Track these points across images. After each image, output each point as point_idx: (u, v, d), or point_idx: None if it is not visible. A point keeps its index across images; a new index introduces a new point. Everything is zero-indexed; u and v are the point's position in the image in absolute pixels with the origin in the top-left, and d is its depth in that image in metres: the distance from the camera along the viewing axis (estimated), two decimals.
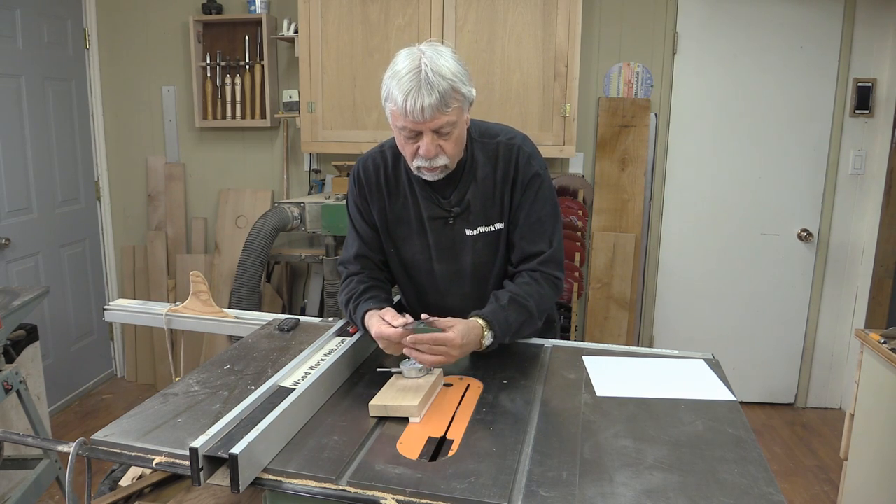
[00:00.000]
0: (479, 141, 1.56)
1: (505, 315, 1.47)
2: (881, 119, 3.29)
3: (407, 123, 1.38)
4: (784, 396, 3.64)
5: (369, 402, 1.28)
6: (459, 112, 1.41)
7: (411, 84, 1.34)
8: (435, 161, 1.44)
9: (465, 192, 1.55)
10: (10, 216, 3.18)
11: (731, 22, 3.31)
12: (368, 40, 3.11)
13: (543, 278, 1.54)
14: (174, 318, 1.98)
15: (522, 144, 1.56)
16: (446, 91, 1.35)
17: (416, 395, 1.28)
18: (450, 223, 1.57)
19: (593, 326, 3.49)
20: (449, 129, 1.40)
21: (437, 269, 1.62)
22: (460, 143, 1.47)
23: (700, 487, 1.05)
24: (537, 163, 1.56)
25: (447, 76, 1.36)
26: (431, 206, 1.57)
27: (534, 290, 1.53)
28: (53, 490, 2.62)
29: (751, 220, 3.48)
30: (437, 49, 1.41)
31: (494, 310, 1.47)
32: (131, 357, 3.92)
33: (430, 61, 1.36)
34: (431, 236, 1.59)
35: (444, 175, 1.50)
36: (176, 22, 3.62)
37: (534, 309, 1.51)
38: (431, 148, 1.41)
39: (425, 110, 1.34)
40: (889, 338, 2.09)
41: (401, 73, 1.36)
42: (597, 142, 3.45)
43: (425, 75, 1.34)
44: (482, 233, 1.57)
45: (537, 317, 1.54)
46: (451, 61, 1.39)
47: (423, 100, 1.34)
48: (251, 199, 3.69)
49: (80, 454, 1.13)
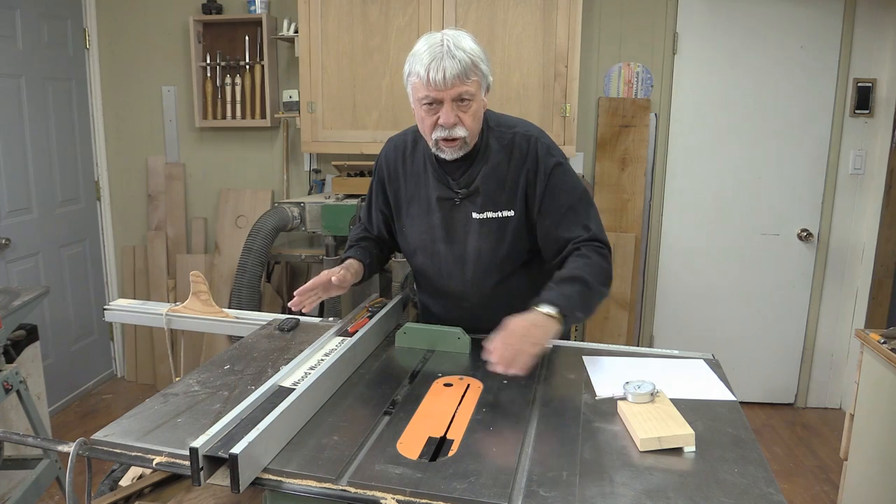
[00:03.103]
0: (496, 129, 1.61)
1: (558, 291, 1.44)
2: (881, 119, 3.29)
3: (429, 92, 1.45)
4: (784, 396, 3.64)
5: (639, 437, 1.16)
6: (478, 87, 1.49)
7: (434, 54, 1.44)
8: (454, 131, 1.49)
9: (476, 176, 1.59)
10: (10, 216, 3.18)
11: (731, 22, 3.31)
12: (368, 40, 3.10)
13: (588, 249, 1.53)
14: (174, 318, 1.98)
15: (540, 137, 1.61)
16: (467, 63, 1.44)
17: (680, 422, 1.20)
18: (456, 204, 1.61)
19: (593, 326, 3.49)
20: (469, 99, 1.47)
21: (441, 251, 1.65)
22: (478, 119, 1.53)
23: (700, 487, 1.04)
24: (557, 153, 1.60)
25: (468, 51, 1.45)
26: (441, 187, 1.61)
27: (579, 262, 1.50)
28: (53, 490, 2.62)
29: (751, 220, 3.48)
30: (459, 32, 1.51)
31: (545, 293, 1.44)
32: (131, 357, 3.91)
33: (452, 38, 1.46)
34: (438, 216, 1.63)
35: (462, 153, 1.55)
36: (176, 22, 3.62)
37: (585, 276, 1.47)
38: (451, 116, 1.47)
39: (447, 77, 1.42)
40: (889, 338, 2.09)
41: (422, 49, 1.46)
42: (597, 142, 3.45)
43: (447, 47, 1.44)
44: (489, 218, 1.60)
45: (594, 283, 1.48)
46: (472, 43, 1.49)
47: (446, 67, 1.42)
48: (251, 199, 3.69)
49: (80, 454, 1.13)
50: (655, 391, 1.29)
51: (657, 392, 1.29)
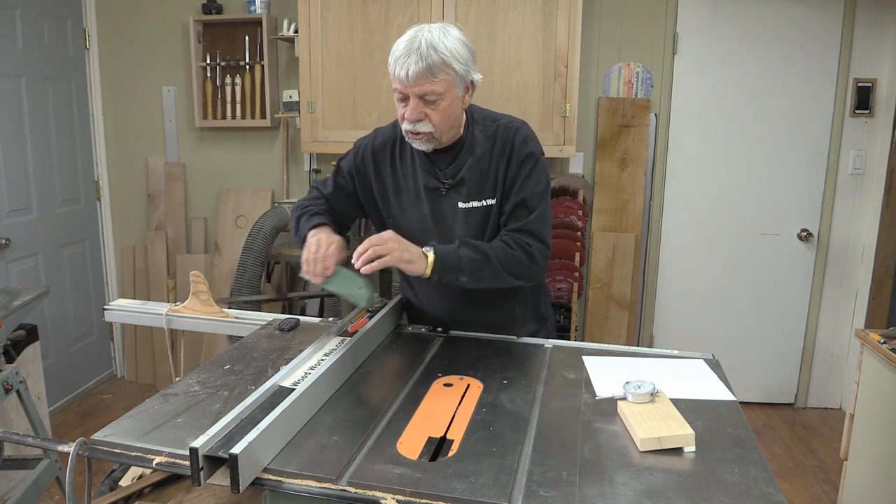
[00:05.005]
0: (481, 123, 1.65)
1: (454, 247, 1.54)
2: (881, 119, 3.29)
3: (397, 85, 1.50)
4: (784, 396, 3.64)
5: (639, 437, 1.17)
6: (448, 86, 1.49)
7: (404, 50, 1.46)
8: (418, 126, 1.52)
9: (462, 166, 1.63)
10: (10, 216, 3.18)
11: (731, 22, 3.31)
12: (368, 40, 3.11)
13: (513, 241, 1.60)
14: (174, 318, 1.98)
15: (521, 127, 1.65)
16: (435, 63, 1.45)
17: (680, 422, 1.20)
18: (443, 194, 1.64)
19: (593, 326, 3.49)
20: (434, 99, 1.49)
21: (431, 241, 1.64)
22: (448, 117, 1.54)
23: (700, 487, 1.04)
24: (533, 144, 1.64)
25: (440, 50, 1.45)
26: (428, 177, 1.64)
27: (497, 245, 1.58)
28: (53, 490, 2.62)
29: (751, 220, 3.48)
30: (446, 28, 1.50)
31: (443, 245, 1.55)
32: (131, 357, 3.92)
33: (430, 35, 1.46)
34: (427, 206, 1.66)
35: (431, 146, 1.57)
36: (176, 22, 3.62)
37: (491, 254, 1.55)
38: (414, 112, 1.50)
39: (410, 75, 1.45)
40: (889, 338, 2.09)
41: (401, 41, 1.49)
42: (597, 142, 3.45)
43: (418, 44, 1.45)
44: (474, 207, 1.64)
45: (498, 266, 1.56)
46: (454, 41, 1.48)
47: (410, 65, 1.44)
48: (251, 199, 3.69)
49: (80, 454, 1.13)
50: (655, 391, 1.29)
51: (657, 392, 1.29)
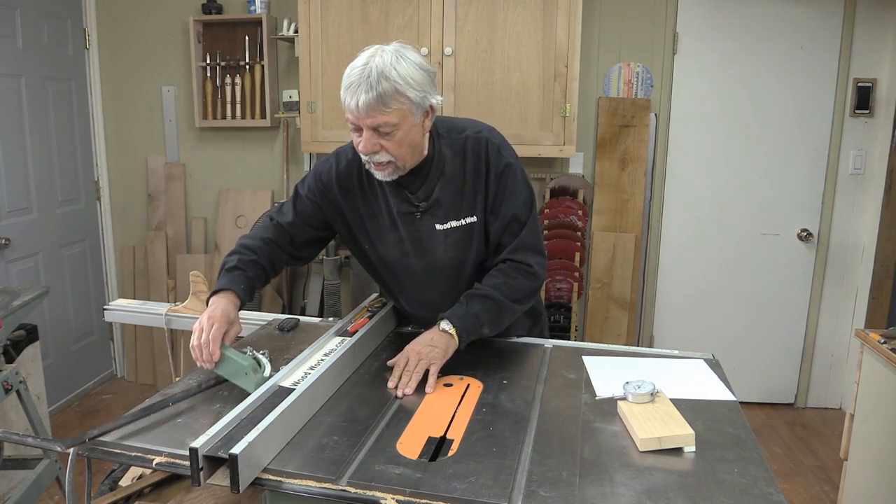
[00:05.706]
0: (447, 137, 1.56)
1: (466, 308, 1.51)
2: (881, 119, 3.29)
3: (349, 115, 1.40)
4: (784, 396, 3.64)
5: (639, 437, 1.16)
6: (402, 115, 1.39)
7: (354, 79, 1.36)
8: (374, 157, 1.43)
9: (433, 187, 1.55)
10: (10, 216, 3.18)
11: (731, 22, 3.31)
12: (368, 40, 3.07)
13: (511, 267, 1.57)
14: (174, 318, 1.98)
15: (490, 136, 1.57)
16: (386, 92, 1.35)
17: (680, 422, 1.20)
18: (418, 217, 1.57)
19: (593, 326, 3.49)
20: (389, 130, 1.39)
21: (413, 264, 1.62)
22: (407, 145, 1.44)
23: (700, 487, 1.05)
24: (507, 153, 1.57)
25: (392, 78, 1.35)
26: (399, 202, 1.57)
27: (499, 280, 1.55)
28: (53, 490, 2.62)
29: (751, 220, 3.48)
30: (401, 52, 1.40)
31: (454, 308, 1.52)
32: (131, 357, 3.92)
33: (382, 61, 1.36)
34: (403, 230, 1.59)
35: (395, 175, 1.49)
36: (176, 22, 3.62)
37: (498, 296, 1.53)
38: (367, 144, 1.41)
39: (360, 105, 1.35)
40: (889, 338, 2.09)
41: (353, 66, 1.38)
42: (597, 142, 3.45)
43: (369, 72, 1.34)
44: (453, 227, 1.58)
45: (509, 303, 1.55)
46: (408, 66, 1.38)
47: (360, 96, 1.35)
48: (251, 199, 3.69)
49: (80, 454, 1.13)
50: (655, 391, 1.29)
51: (657, 392, 1.29)
